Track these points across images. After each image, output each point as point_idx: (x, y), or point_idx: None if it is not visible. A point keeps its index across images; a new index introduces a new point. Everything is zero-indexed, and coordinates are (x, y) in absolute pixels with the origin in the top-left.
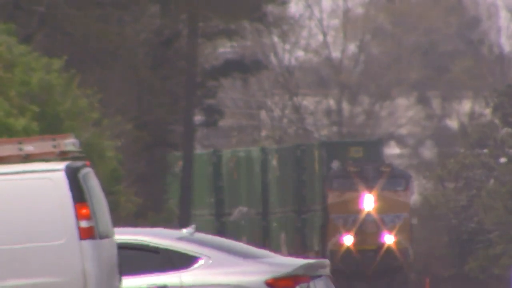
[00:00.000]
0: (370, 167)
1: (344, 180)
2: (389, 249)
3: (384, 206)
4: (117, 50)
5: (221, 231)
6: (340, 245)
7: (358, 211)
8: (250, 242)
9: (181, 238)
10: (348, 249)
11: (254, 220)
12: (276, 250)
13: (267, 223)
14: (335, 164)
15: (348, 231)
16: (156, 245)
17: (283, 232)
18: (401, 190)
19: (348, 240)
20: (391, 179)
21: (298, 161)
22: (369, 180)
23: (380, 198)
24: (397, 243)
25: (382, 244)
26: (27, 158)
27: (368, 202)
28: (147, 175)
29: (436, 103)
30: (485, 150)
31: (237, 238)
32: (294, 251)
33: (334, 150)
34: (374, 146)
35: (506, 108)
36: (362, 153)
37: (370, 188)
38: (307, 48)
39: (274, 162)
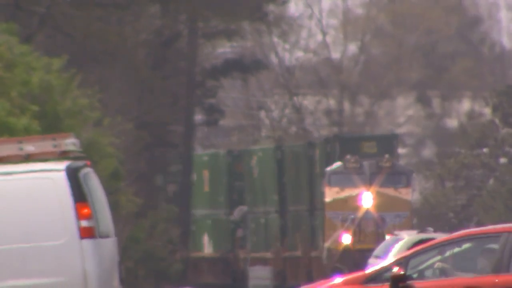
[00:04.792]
0: (370, 163)
1: (342, 176)
2: None
3: (384, 204)
4: (117, 50)
5: (283, 229)
6: (338, 244)
7: (357, 209)
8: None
9: None
10: (346, 248)
11: (303, 218)
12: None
13: (314, 220)
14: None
15: (346, 229)
16: None
17: (320, 230)
18: (402, 187)
19: (346, 239)
20: (392, 176)
21: (328, 156)
22: (368, 176)
23: (379, 195)
24: None
25: None
26: (28, 158)
27: (367, 200)
28: (147, 174)
29: (436, 103)
30: (485, 149)
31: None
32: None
33: (347, 145)
34: (388, 141)
35: (506, 108)
36: (375, 148)
37: (369, 185)
38: (307, 48)
39: (316, 158)
